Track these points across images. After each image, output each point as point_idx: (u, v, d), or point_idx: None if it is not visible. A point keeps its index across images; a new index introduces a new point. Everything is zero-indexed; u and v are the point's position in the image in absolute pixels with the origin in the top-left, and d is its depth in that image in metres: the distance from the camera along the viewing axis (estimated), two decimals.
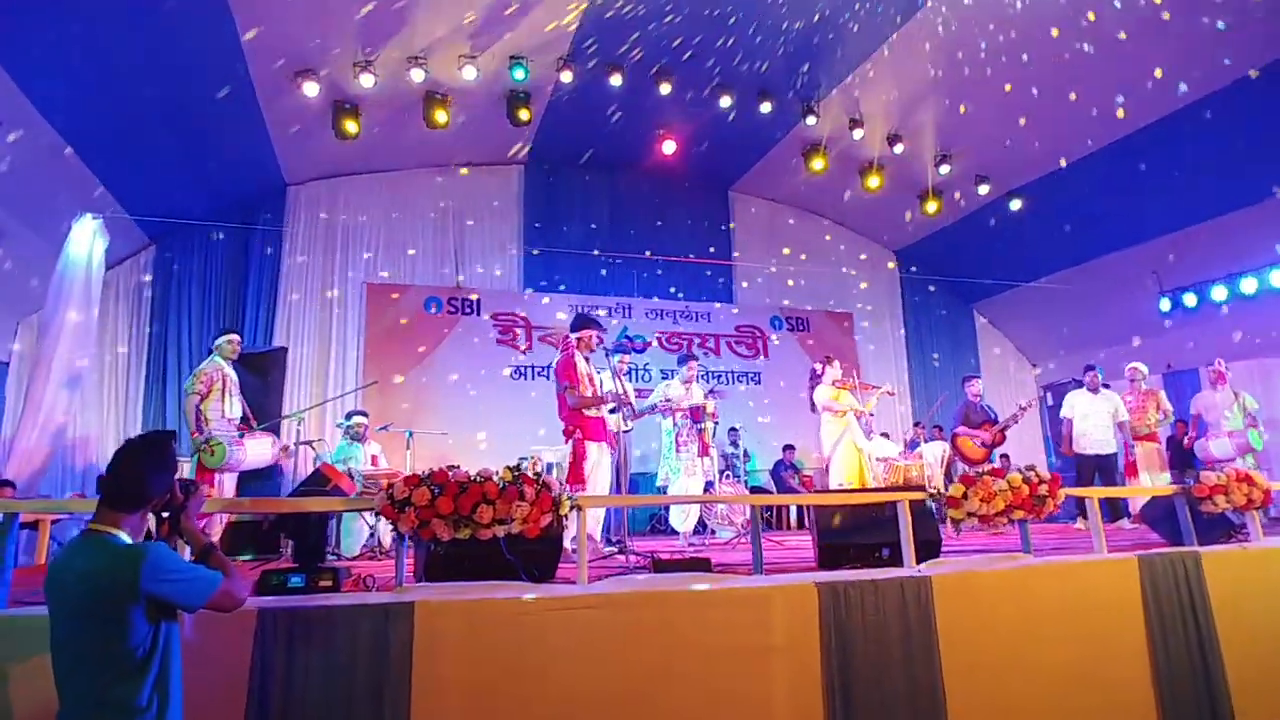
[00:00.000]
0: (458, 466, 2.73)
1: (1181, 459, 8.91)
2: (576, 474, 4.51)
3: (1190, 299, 9.88)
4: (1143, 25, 7.01)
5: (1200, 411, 6.77)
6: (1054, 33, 7.32)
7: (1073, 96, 8.05)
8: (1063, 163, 9.15)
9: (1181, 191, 8.75)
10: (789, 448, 9.71)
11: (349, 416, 6.28)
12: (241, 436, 4.64)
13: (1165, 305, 10.14)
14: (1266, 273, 9.05)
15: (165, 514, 2.02)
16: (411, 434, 6.09)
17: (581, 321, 4.88)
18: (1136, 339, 10.39)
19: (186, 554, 2.09)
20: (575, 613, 2.53)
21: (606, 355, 4.86)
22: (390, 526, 2.78)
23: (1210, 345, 9.86)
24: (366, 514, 5.25)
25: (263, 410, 5.48)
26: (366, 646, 2.34)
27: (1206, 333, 9.86)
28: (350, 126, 8.05)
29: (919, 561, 3.10)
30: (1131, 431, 6.98)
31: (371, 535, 5.37)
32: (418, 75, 7.67)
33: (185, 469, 4.70)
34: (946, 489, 3.30)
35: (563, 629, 2.51)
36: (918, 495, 3.22)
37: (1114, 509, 6.41)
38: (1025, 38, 7.44)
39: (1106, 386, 7.71)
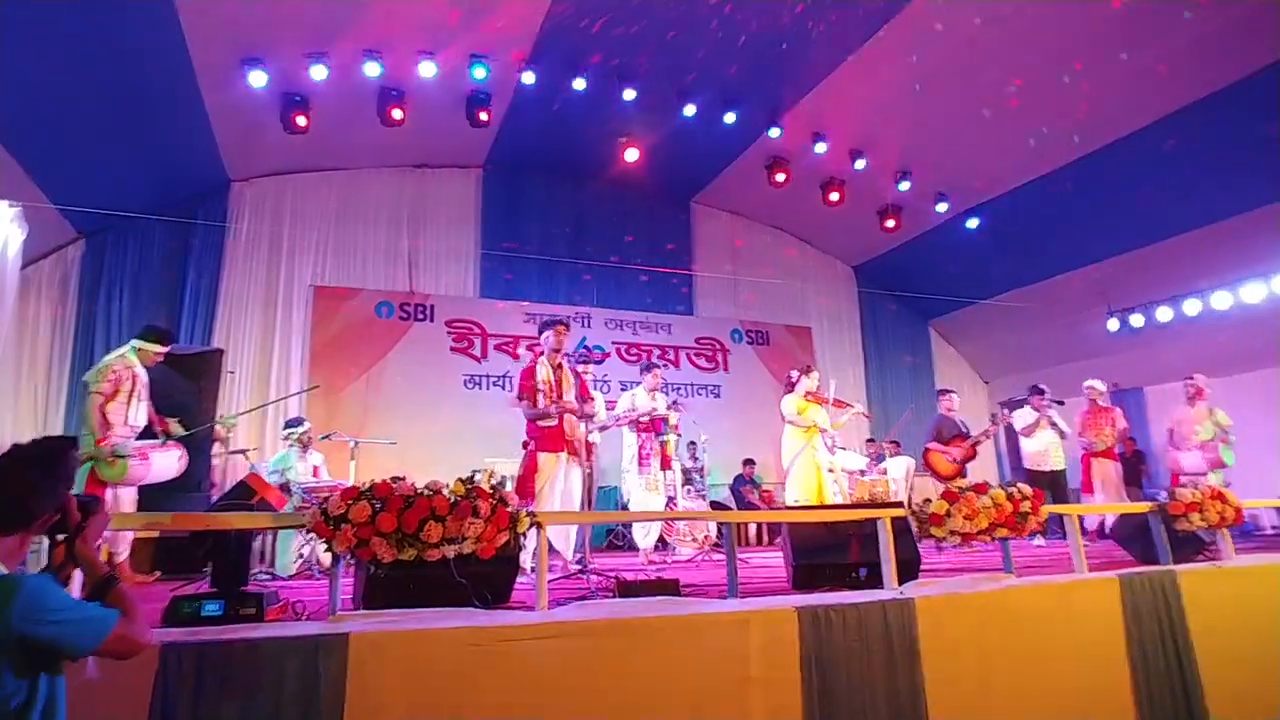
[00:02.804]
0: (404, 478, 2.45)
1: (1132, 476, 9.07)
2: (524, 487, 4.22)
3: (1137, 319, 10.14)
4: (1099, 53, 7.16)
5: (1174, 426, 6.87)
6: (1014, 56, 7.42)
7: (1029, 120, 8.18)
8: (1018, 184, 9.33)
9: (1130, 215, 8.97)
10: (749, 462, 9.57)
11: (295, 424, 5.85)
12: (155, 444, 4.22)
13: (1113, 325, 10.38)
14: (1208, 295, 9.34)
15: (60, 536, 1.70)
16: (356, 443, 5.71)
17: (542, 325, 4.63)
18: (1084, 357, 10.59)
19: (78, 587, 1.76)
20: (533, 643, 2.26)
21: (570, 364, 4.63)
22: (325, 546, 2.47)
23: (1155, 365, 10.15)
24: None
25: (192, 415, 5.05)
26: (291, 687, 2.02)
27: (1152, 353, 10.13)
28: (300, 120, 7.67)
29: (901, 582, 2.94)
30: (1086, 448, 7.05)
31: (310, 553, 4.99)
32: (373, 69, 7.36)
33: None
34: (910, 505, 3.17)
35: (519, 661, 2.24)
36: (899, 512, 3.06)
37: (1060, 526, 6.45)
38: (986, 60, 7.52)
39: (1060, 403, 7.80)
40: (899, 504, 3.26)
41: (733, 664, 2.43)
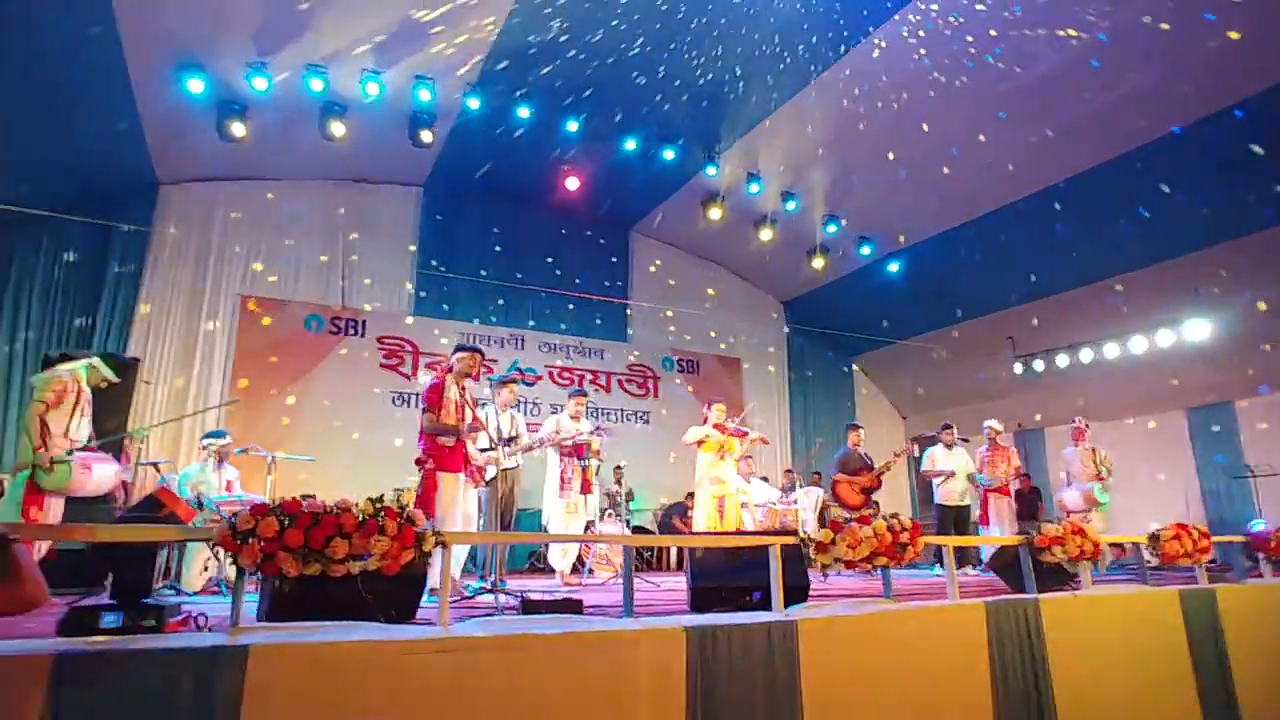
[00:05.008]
0: (313, 496, 2.54)
1: (1029, 511, 9.69)
2: (426, 507, 4.27)
3: (1039, 364, 10.87)
4: (1009, 120, 7.79)
5: (1066, 465, 7.42)
6: (937, 114, 7.98)
7: (946, 170, 8.78)
8: (935, 232, 9.96)
9: (1035, 267, 9.69)
10: (691, 495, 9.73)
11: (216, 435, 5.74)
12: (96, 455, 4.18)
13: (1018, 369, 11.09)
14: (1103, 345, 10.11)
15: None
16: (274, 458, 5.65)
17: (462, 346, 4.73)
18: (992, 398, 11.27)
19: None
20: (433, 657, 2.37)
21: (491, 388, 4.74)
22: (231, 559, 2.53)
23: (1054, 407, 10.89)
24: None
25: (103, 425, 4.94)
26: (186, 700, 2.07)
27: (1052, 396, 10.87)
28: (237, 129, 7.59)
29: (788, 605, 3.16)
30: (984, 485, 7.55)
31: (219, 569, 4.92)
32: (317, 85, 7.38)
33: (5, 483, 4.15)
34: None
35: (419, 675, 2.34)
36: (789, 539, 3.29)
37: (960, 556, 6.99)
38: (911, 115, 8.05)
39: (965, 441, 8.31)
40: (791, 531, 3.50)
41: (623, 680, 2.58)
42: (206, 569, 4.91)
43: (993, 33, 6.88)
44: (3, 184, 7.12)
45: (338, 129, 7.86)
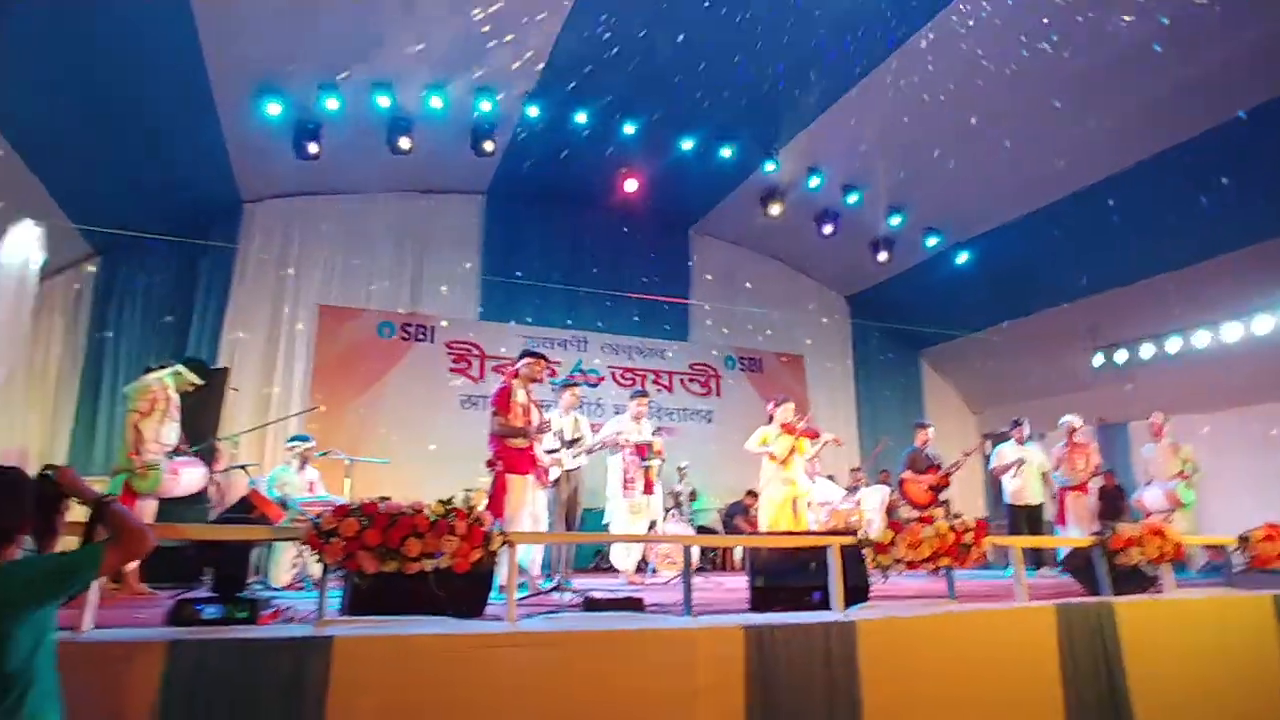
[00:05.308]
0: (389, 498, 2.71)
1: (1111, 510, 9.25)
2: (496, 508, 4.36)
3: (1121, 355, 10.35)
4: (1084, 97, 7.46)
5: (1146, 464, 7.10)
6: (1004, 97, 7.70)
7: (1017, 158, 8.46)
8: (1005, 220, 9.61)
9: (1113, 253, 9.23)
10: (751, 494, 9.71)
11: (301, 439, 6.10)
12: (184, 460, 4.52)
13: (1097, 360, 10.59)
14: (1190, 333, 9.55)
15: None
16: (352, 460, 5.96)
17: (527, 351, 4.89)
18: (1070, 391, 10.79)
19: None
20: (499, 651, 2.51)
21: (555, 392, 4.89)
22: (316, 557, 2.72)
23: (1138, 400, 10.33)
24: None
25: (196, 432, 5.32)
26: (279, 683, 2.26)
27: (1136, 388, 10.32)
28: (312, 147, 7.99)
29: (848, 606, 3.16)
30: (1063, 482, 7.27)
31: (304, 565, 5.23)
32: (384, 101, 7.70)
33: (102, 487, 4.53)
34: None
35: (486, 667, 2.48)
36: (848, 540, 3.29)
37: (1037, 557, 6.74)
38: (975, 101, 7.80)
39: (1041, 436, 8.02)
40: (850, 531, 3.49)
41: (682, 676, 2.65)
42: (294, 566, 5.22)
43: (1045, 20, 6.62)
44: (104, 208, 7.70)
45: (404, 143, 8.17)
